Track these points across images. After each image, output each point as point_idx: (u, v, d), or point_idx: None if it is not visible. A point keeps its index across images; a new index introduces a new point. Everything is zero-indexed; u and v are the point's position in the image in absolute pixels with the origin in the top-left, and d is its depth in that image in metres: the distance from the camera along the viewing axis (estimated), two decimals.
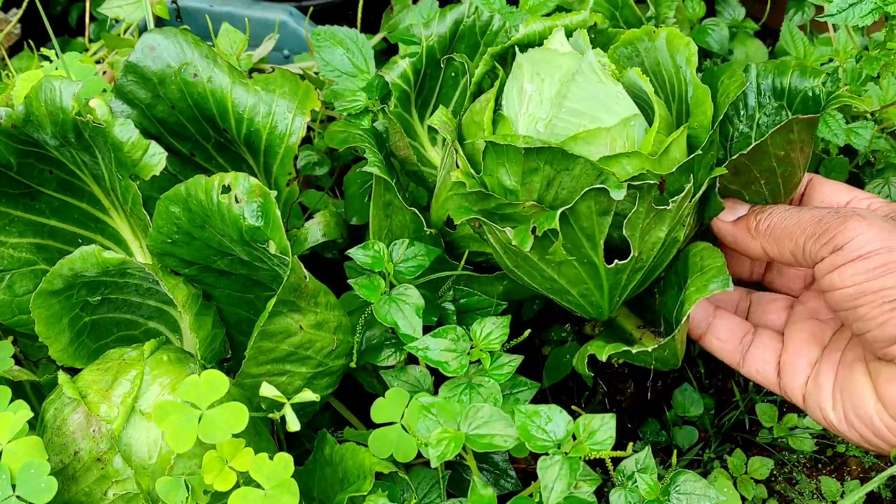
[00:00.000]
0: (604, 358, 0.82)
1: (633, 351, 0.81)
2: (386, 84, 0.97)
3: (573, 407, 0.96)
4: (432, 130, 1.03)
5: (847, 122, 1.03)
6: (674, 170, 0.77)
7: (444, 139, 0.91)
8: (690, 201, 0.80)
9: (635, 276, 0.84)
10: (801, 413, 1.14)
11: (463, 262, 0.94)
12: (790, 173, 0.83)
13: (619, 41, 0.88)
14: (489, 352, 0.87)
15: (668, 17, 0.92)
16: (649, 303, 0.94)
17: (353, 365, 0.92)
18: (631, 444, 0.83)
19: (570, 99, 0.79)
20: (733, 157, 0.80)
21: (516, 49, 0.87)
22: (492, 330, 0.88)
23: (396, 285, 0.90)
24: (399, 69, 0.97)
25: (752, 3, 1.41)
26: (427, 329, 0.89)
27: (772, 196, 0.86)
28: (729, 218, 0.84)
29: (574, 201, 0.76)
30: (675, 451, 0.92)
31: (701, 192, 0.81)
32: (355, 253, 0.90)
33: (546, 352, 1.18)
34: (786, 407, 1.17)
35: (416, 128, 1.02)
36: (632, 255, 0.80)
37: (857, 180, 1.10)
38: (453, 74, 1.01)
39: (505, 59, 0.89)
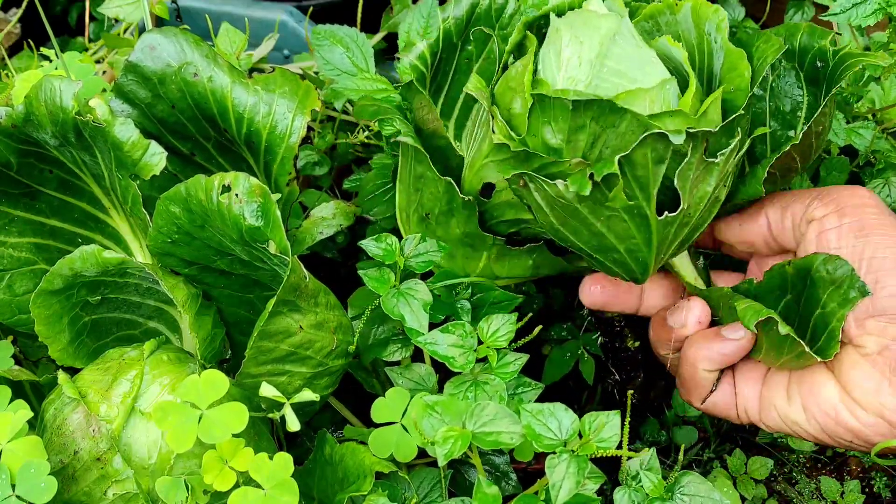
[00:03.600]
0: None
1: None
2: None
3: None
4: (444, 114, 1.03)
5: (847, 122, 1.03)
6: (716, 129, 0.78)
7: (480, 111, 0.90)
8: (735, 157, 0.81)
9: (681, 230, 0.84)
10: None
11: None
12: (820, 141, 0.88)
13: (640, 15, 0.88)
14: (496, 349, 0.87)
15: None
16: None
17: (352, 348, 0.91)
18: (637, 443, 0.83)
19: (612, 59, 0.80)
20: (785, 150, 0.83)
21: (551, 16, 0.87)
22: (499, 327, 0.87)
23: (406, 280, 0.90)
24: (417, 51, 0.96)
25: (752, 3, 1.41)
26: (433, 326, 0.89)
27: (803, 160, 0.88)
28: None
29: (630, 148, 0.76)
30: (682, 448, 0.91)
31: (744, 150, 0.82)
32: (367, 244, 0.90)
33: (546, 351, 1.18)
34: None
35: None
36: (681, 207, 0.80)
37: (857, 180, 1.10)
38: (467, 60, 1.00)
39: (535, 28, 0.89)
